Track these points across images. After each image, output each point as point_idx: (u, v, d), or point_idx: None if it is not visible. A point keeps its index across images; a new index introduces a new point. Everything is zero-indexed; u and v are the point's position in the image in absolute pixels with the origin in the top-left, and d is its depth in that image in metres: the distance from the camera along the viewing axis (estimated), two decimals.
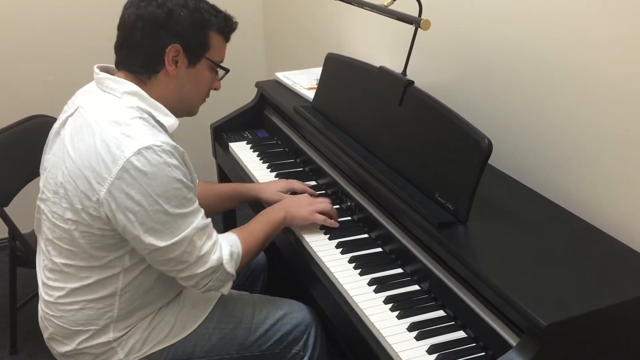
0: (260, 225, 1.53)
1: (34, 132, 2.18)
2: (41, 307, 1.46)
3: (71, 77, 1.40)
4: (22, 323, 2.33)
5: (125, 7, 1.37)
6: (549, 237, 1.34)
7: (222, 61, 1.46)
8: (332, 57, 1.93)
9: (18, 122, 2.24)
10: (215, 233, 1.39)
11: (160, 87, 1.38)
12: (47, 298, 1.42)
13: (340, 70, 1.88)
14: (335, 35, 2.48)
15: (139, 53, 1.36)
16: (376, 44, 2.20)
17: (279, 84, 2.30)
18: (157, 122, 1.35)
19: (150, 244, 1.29)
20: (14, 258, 2.24)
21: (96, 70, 1.39)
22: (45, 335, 1.47)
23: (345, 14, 2.37)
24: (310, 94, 2.07)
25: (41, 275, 1.45)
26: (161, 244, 1.29)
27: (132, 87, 1.35)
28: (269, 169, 1.97)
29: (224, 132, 2.24)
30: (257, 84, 2.29)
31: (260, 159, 2.04)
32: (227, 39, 1.45)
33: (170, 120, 1.38)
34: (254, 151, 2.10)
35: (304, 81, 2.24)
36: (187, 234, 1.31)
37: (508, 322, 1.16)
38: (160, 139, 1.29)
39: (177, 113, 1.41)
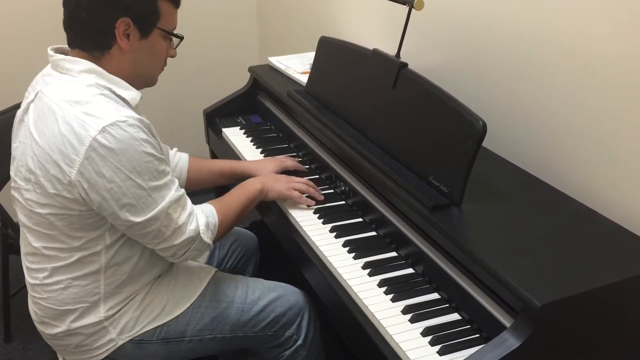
0: (236, 197, 1.55)
1: None
2: (29, 293, 1.46)
3: None
4: (15, 311, 2.32)
5: None
6: (543, 219, 1.33)
7: (174, 28, 1.42)
8: (325, 40, 1.91)
9: (7, 110, 2.21)
10: (190, 203, 1.40)
11: (115, 63, 1.35)
12: (32, 282, 1.42)
13: (333, 54, 1.86)
14: (328, 19, 2.46)
15: (88, 31, 1.33)
16: (370, 26, 2.18)
17: (272, 69, 2.28)
18: (119, 96, 1.33)
19: (127, 220, 1.30)
20: (5, 245, 2.23)
21: (50, 52, 1.37)
22: (35, 319, 1.47)
23: None
24: (303, 79, 2.06)
25: (24, 261, 1.45)
26: (138, 219, 1.30)
27: (88, 64, 1.33)
28: (263, 154, 1.96)
29: (217, 117, 2.22)
30: (250, 69, 2.27)
31: (253, 144, 2.03)
32: (176, 5, 1.41)
33: (131, 93, 1.36)
34: (247, 136, 2.08)
35: (297, 65, 2.22)
36: (162, 207, 1.32)
37: (502, 304, 1.16)
38: (124, 113, 1.27)
39: (136, 86, 1.39)
